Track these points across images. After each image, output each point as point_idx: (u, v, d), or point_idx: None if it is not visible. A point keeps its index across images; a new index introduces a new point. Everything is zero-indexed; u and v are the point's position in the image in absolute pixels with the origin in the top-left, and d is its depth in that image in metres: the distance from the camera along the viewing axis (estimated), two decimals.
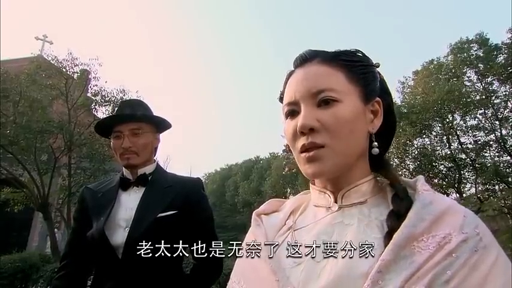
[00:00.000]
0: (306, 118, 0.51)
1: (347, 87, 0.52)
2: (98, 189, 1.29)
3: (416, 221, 0.45)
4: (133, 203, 1.21)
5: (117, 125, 1.24)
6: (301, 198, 0.65)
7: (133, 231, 1.13)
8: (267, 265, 0.52)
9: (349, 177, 0.54)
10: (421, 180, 0.53)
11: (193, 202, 1.24)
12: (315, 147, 0.50)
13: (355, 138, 0.52)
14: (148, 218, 1.15)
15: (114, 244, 1.14)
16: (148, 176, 1.28)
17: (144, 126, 1.26)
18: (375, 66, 0.59)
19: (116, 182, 1.29)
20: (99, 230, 1.15)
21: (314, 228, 0.54)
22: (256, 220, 0.63)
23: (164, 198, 1.21)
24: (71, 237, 1.31)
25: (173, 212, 1.18)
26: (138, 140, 1.23)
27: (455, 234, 0.43)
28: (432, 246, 0.43)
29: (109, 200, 1.22)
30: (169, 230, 1.14)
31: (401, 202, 0.50)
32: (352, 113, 0.51)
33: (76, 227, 1.30)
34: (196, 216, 1.23)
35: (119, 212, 1.20)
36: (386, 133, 0.59)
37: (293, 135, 0.53)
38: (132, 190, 1.26)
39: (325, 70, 0.53)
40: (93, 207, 1.23)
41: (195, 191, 1.29)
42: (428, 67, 11.75)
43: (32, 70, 8.60)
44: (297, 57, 0.58)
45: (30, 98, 8.17)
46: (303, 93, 0.53)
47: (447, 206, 0.47)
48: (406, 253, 0.43)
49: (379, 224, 0.50)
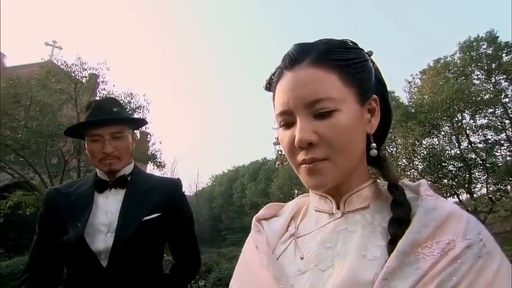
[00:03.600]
0: (303, 132, 0.48)
1: (343, 91, 0.49)
2: (70, 192, 1.19)
3: (420, 227, 0.45)
4: (114, 206, 1.14)
5: (94, 129, 1.15)
6: (300, 202, 0.64)
7: (120, 236, 1.07)
8: (269, 273, 0.51)
9: (350, 182, 0.53)
10: (424, 184, 0.52)
11: (176, 203, 1.21)
12: (315, 161, 0.49)
13: (355, 146, 0.51)
14: (133, 221, 1.09)
15: (95, 250, 1.06)
16: (127, 177, 1.21)
17: (124, 128, 1.19)
18: (368, 58, 0.55)
19: (89, 184, 1.20)
20: (77, 236, 1.05)
21: (318, 235, 0.53)
22: (257, 226, 0.61)
23: (148, 200, 1.16)
24: (36, 246, 1.16)
25: (157, 214, 1.14)
26: (120, 144, 1.17)
27: (459, 240, 0.43)
28: (437, 252, 0.43)
29: (85, 204, 1.13)
30: (155, 232, 1.13)
31: (401, 208, 0.49)
32: (350, 121, 0.49)
33: (42, 234, 1.17)
34: (179, 217, 1.21)
35: (97, 216, 1.11)
36: (382, 127, 0.57)
37: (290, 148, 0.51)
38: (110, 192, 1.18)
39: (318, 74, 0.49)
40: (66, 211, 1.12)
41: (177, 192, 1.27)
42: (436, 66, 11.61)
43: (42, 75, 8.77)
44: (285, 56, 0.53)
45: (41, 102, 8.33)
46: (296, 103, 0.49)
47: (450, 211, 0.47)
48: (411, 260, 0.43)
49: (382, 231, 0.49)
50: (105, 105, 1.21)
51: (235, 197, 27.54)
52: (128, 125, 1.22)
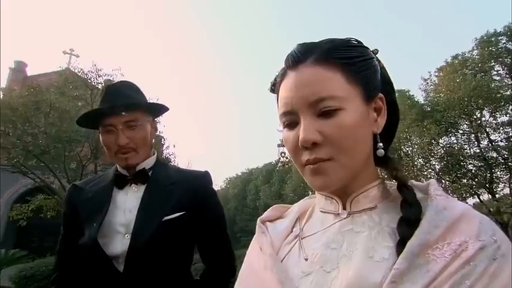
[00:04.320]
0: (307, 132, 0.47)
1: (347, 90, 0.48)
2: (88, 188, 1.09)
3: (430, 228, 0.43)
4: (133, 204, 1.02)
5: (107, 117, 1.02)
6: (306, 203, 0.63)
7: (137, 238, 0.96)
8: (273, 275, 0.50)
9: (356, 182, 0.52)
10: (433, 184, 0.50)
11: (202, 200, 1.06)
12: (320, 161, 0.48)
13: (361, 146, 0.49)
14: (153, 221, 0.98)
15: (111, 254, 0.96)
16: (148, 172, 1.08)
17: (141, 115, 1.05)
18: (373, 56, 0.54)
19: (109, 180, 1.09)
20: (91, 238, 0.96)
21: (323, 237, 0.52)
22: (261, 227, 0.60)
23: (169, 198, 1.02)
24: (61, 247, 1.10)
25: (180, 213, 1.01)
26: (135, 134, 1.03)
27: (472, 242, 0.41)
28: (448, 254, 0.41)
29: (102, 202, 1.02)
30: (177, 234, 1.00)
31: (411, 208, 0.47)
32: (355, 119, 0.48)
33: (65, 235, 1.10)
34: (206, 216, 1.06)
35: (115, 216, 1.01)
36: (390, 126, 0.56)
37: (294, 148, 0.50)
38: (130, 188, 1.06)
39: (322, 73, 0.48)
40: (83, 210, 1.04)
41: (203, 187, 1.11)
42: (452, 63, 11.28)
43: (60, 83, 9.12)
44: (288, 56, 0.52)
45: (59, 109, 8.64)
46: (300, 103, 0.48)
47: (462, 211, 0.45)
48: (420, 261, 0.41)
49: (390, 231, 0.47)
50: (118, 90, 1.06)
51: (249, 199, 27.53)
52: (144, 112, 1.07)
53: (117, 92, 1.05)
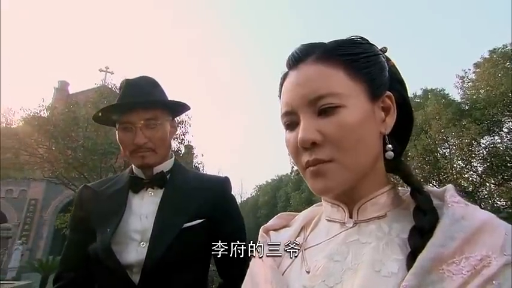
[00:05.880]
0: (305, 131, 0.44)
1: (349, 87, 0.45)
2: (102, 191, 1.02)
3: (444, 239, 0.38)
4: (149, 210, 0.95)
5: (125, 114, 0.96)
6: (313, 211, 0.59)
7: (155, 246, 0.89)
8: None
9: (364, 187, 0.48)
10: (450, 190, 0.45)
11: (222, 208, 1.00)
12: (320, 162, 0.44)
13: (365, 146, 0.45)
14: (171, 229, 0.91)
15: (125, 263, 0.88)
16: (166, 175, 1.02)
17: (161, 114, 0.98)
18: (380, 53, 0.51)
19: (124, 182, 1.02)
20: (104, 245, 0.89)
21: (327, 247, 0.48)
22: (264, 237, 0.57)
23: (189, 204, 0.96)
24: (67, 253, 1.01)
25: (200, 220, 0.94)
26: (154, 134, 0.97)
27: (495, 256, 0.36)
28: (466, 270, 0.36)
29: (117, 206, 0.96)
30: (197, 243, 0.94)
31: (425, 216, 0.42)
32: (358, 118, 0.44)
33: (72, 239, 1.01)
34: (225, 225, 0.98)
35: (130, 222, 0.94)
36: (403, 128, 0.52)
37: (295, 150, 0.47)
38: (146, 193, 0.99)
39: (322, 70, 0.46)
40: (96, 213, 0.96)
41: (224, 194, 1.04)
42: (491, 57, 10.56)
43: (96, 98, 9.78)
44: (289, 56, 0.50)
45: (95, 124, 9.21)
46: (299, 102, 0.46)
47: (483, 221, 0.39)
48: (433, 278, 0.36)
49: (401, 242, 0.43)
50: (138, 85, 0.99)
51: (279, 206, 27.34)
52: (164, 110, 1.01)
53: (137, 88, 0.98)
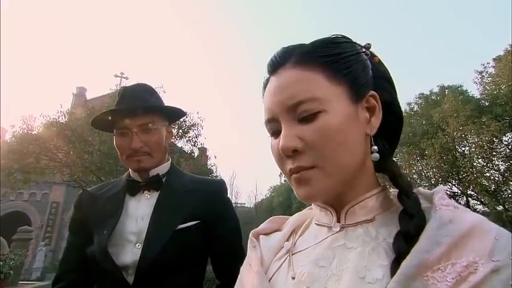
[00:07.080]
0: (286, 138, 0.43)
1: (330, 90, 0.44)
2: (100, 194, 1.06)
3: (430, 244, 0.36)
4: (145, 212, 0.98)
5: (122, 120, 1.00)
6: (304, 214, 0.58)
7: (149, 247, 0.92)
8: None
9: (352, 191, 0.46)
10: (439, 191, 0.42)
11: (217, 210, 1.02)
12: (302, 169, 0.44)
13: (348, 150, 0.44)
14: (166, 230, 0.94)
15: (121, 264, 0.91)
16: (162, 178, 1.05)
17: (156, 119, 1.03)
18: (362, 51, 0.49)
19: (121, 186, 1.05)
20: (101, 247, 0.92)
21: (313, 252, 0.47)
22: (253, 241, 0.56)
23: (183, 205, 0.99)
24: (67, 255, 1.05)
25: (195, 222, 0.97)
26: (150, 138, 1.00)
27: (483, 262, 0.34)
28: (451, 277, 0.34)
29: (114, 208, 0.99)
30: (191, 244, 0.96)
31: (411, 220, 0.40)
32: (339, 122, 0.43)
33: (72, 242, 1.05)
34: (221, 227, 1.01)
35: (127, 224, 0.97)
36: (392, 127, 0.50)
37: (279, 157, 0.46)
38: (143, 195, 1.02)
39: (300, 75, 0.45)
40: (94, 217, 1.00)
41: (219, 196, 1.07)
42: None
43: (110, 104, 9.98)
44: (269, 61, 0.49)
45: None
46: (279, 109, 0.45)
47: (472, 224, 0.37)
48: (417, 285, 0.35)
49: (387, 247, 0.41)
50: (134, 92, 1.04)
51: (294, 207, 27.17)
52: (160, 115, 1.05)
53: (133, 94, 1.03)
